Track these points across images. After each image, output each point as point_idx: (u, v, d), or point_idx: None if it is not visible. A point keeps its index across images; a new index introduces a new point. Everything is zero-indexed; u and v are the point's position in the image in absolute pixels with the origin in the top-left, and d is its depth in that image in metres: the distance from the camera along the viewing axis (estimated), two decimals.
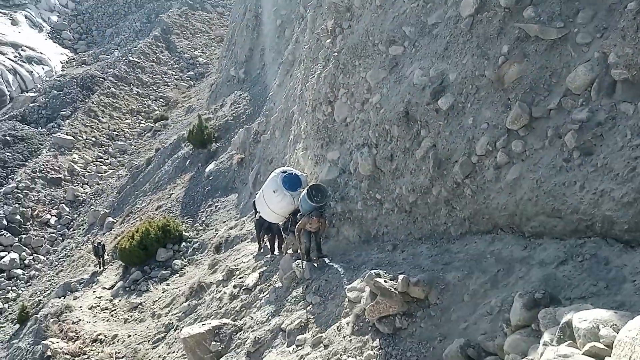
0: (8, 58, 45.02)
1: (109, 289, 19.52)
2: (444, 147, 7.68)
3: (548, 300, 4.62)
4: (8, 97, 43.13)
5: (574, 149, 5.74)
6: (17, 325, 21.50)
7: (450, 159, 7.57)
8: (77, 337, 15.56)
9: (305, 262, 9.92)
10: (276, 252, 12.84)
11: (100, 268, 21.79)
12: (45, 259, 29.61)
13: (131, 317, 16.56)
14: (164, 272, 18.70)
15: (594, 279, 5.03)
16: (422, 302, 6.60)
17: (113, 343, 14.96)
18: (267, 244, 14.13)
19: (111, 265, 21.75)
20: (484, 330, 5.39)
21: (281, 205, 11.33)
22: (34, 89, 44.33)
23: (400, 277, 6.70)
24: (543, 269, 5.58)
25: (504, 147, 6.62)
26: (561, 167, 5.88)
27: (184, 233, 20.68)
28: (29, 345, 16.91)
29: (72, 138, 37.77)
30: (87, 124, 39.64)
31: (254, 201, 14.05)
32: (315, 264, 9.87)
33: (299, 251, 11.30)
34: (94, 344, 15.17)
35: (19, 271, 28.91)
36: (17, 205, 32.17)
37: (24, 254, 29.94)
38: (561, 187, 5.84)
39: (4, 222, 31.17)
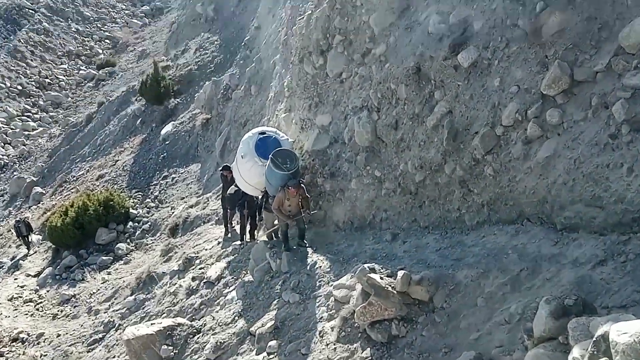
0: None
1: (34, 276, 19.42)
2: (462, 114, 7.64)
3: (581, 307, 4.66)
4: None
5: (622, 123, 5.74)
6: None
7: (469, 129, 7.55)
8: None
9: (283, 251, 9.94)
10: (247, 237, 12.84)
11: (25, 251, 21.62)
12: None
13: (61, 312, 16.53)
14: (104, 257, 18.65)
15: (639, 283, 5.09)
16: (425, 304, 6.64)
17: (38, 343, 14.93)
18: (236, 227, 14.11)
19: (38, 247, 21.60)
20: (500, 342, 5.45)
21: (251, 174, 11.33)
22: None
23: (400, 273, 6.72)
24: (576, 270, 5.63)
25: (537, 117, 6.60)
26: (606, 145, 5.89)
27: (131, 210, 20.59)
28: None
29: None
30: (12, 68, 38.81)
31: (221, 170, 14.00)
32: (295, 255, 9.89)
33: (274, 236, 11.33)
34: (14, 343, 15.12)
35: None
36: None
37: None
38: (604, 169, 5.86)
39: None
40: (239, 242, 13.01)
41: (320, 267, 9.20)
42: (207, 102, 22.41)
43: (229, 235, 14.01)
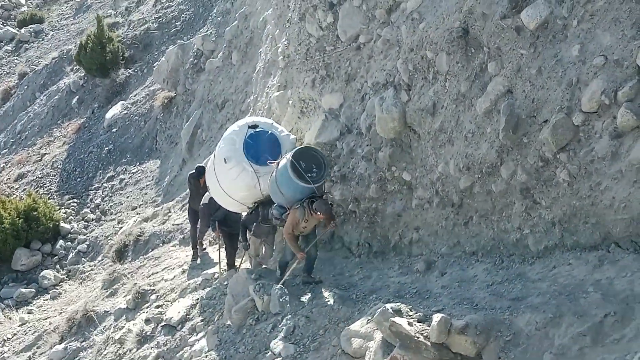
0: None
1: None
2: (527, 95, 7.62)
3: None
4: None
5: None
6: None
7: (536, 116, 7.52)
8: None
9: (276, 284, 9.96)
10: (222, 264, 12.82)
11: None
12: None
13: None
14: (24, 290, 18.59)
15: None
16: None
17: None
18: (208, 250, 14.08)
19: None
20: None
21: (237, 185, 11.19)
22: None
23: (437, 317, 6.70)
24: None
25: (631, 101, 6.56)
26: None
27: (62, 224, 20.57)
28: None
29: None
30: None
31: (193, 173, 13.96)
32: (289, 290, 9.89)
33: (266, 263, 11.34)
34: None
35: None
36: None
37: None
38: None
39: None
40: (212, 271, 12.99)
41: (325, 307, 9.17)
42: (170, 74, 22.39)
43: (199, 260, 13.98)
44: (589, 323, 6.15)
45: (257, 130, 11.21)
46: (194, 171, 14.06)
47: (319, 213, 9.61)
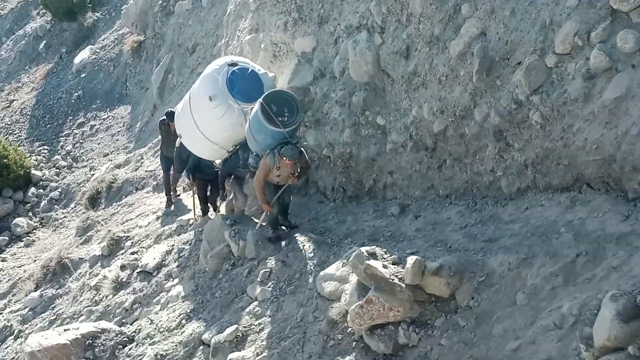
0: None
1: None
2: (500, 37, 7.58)
3: None
4: None
5: None
6: None
7: (509, 58, 7.50)
8: None
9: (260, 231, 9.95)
10: (198, 211, 12.78)
11: None
12: None
13: None
14: None
15: None
16: (445, 302, 6.71)
17: None
18: (182, 196, 14.02)
19: None
20: (548, 354, 5.50)
21: (221, 126, 10.85)
22: None
23: (411, 259, 6.76)
24: None
25: (603, 42, 6.55)
26: None
27: (33, 172, 20.33)
28: None
29: None
30: None
31: (163, 119, 13.79)
32: (264, 234, 9.92)
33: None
34: None
35: None
36: None
37: None
38: None
39: None
40: (187, 217, 12.97)
41: (300, 251, 9.22)
42: (139, 17, 21.99)
43: (172, 207, 13.94)
44: (561, 263, 6.22)
45: (238, 67, 10.91)
46: (164, 117, 13.85)
47: (284, 158, 9.21)
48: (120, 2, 24.75)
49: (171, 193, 14.06)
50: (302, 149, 9.67)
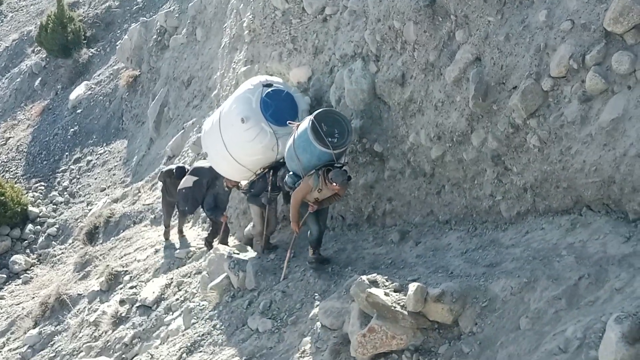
0: None
1: None
2: (495, 62, 7.62)
3: None
4: None
5: None
6: None
7: (505, 83, 7.53)
8: None
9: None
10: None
11: None
12: None
13: None
14: None
15: None
16: (448, 329, 6.67)
17: None
18: (187, 235, 13.98)
19: None
20: None
21: (252, 149, 10.37)
22: None
23: (413, 286, 6.72)
24: None
25: (599, 65, 6.58)
26: None
27: (30, 208, 20.38)
28: None
29: None
30: None
31: (170, 172, 13.58)
32: (264, 265, 9.88)
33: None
34: None
35: None
36: None
37: None
38: None
39: None
40: (185, 250, 12.94)
41: (301, 281, 9.18)
42: (134, 52, 22.17)
43: (170, 238, 13.90)
44: (564, 286, 6.19)
45: (273, 88, 10.51)
46: (173, 169, 13.66)
47: (334, 184, 8.78)
48: (114, 38, 24.96)
49: (168, 225, 13.99)
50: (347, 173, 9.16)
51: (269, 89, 10.40)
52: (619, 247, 6.27)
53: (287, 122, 9.83)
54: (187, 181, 12.43)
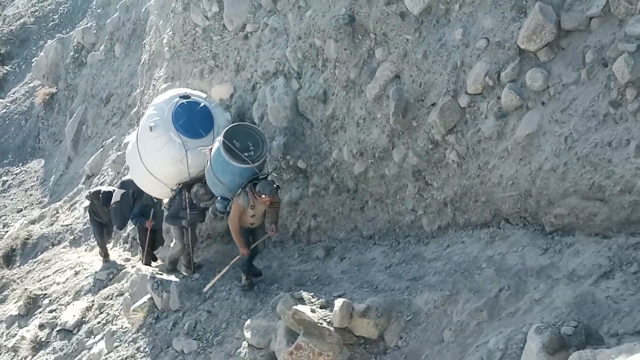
0: None
1: None
2: (414, 79, 7.73)
3: (582, 337, 4.80)
4: None
5: (627, 86, 5.87)
6: None
7: (424, 100, 7.65)
8: None
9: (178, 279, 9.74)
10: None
11: None
12: None
13: None
14: None
15: None
16: (374, 344, 6.71)
17: None
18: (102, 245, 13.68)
19: None
20: None
21: (162, 159, 10.13)
22: None
23: (338, 302, 6.74)
24: (574, 287, 5.76)
25: (513, 82, 6.74)
26: (606, 116, 6.03)
27: None
28: None
29: None
30: None
31: (98, 192, 13.22)
32: (188, 285, 9.75)
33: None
34: None
35: None
36: None
37: None
38: (605, 148, 6.00)
39: None
40: (106, 272, 12.68)
41: (227, 300, 9.10)
42: (50, 69, 21.71)
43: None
44: (485, 298, 6.30)
45: (189, 100, 10.35)
46: (100, 191, 13.26)
47: (263, 196, 8.58)
48: (30, 55, 24.38)
49: (104, 245, 13.55)
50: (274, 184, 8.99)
51: (184, 100, 10.28)
52: (537, 258, 6.40)
53: (199, 148, 9.68)
54: (116, 195, 12.15)
